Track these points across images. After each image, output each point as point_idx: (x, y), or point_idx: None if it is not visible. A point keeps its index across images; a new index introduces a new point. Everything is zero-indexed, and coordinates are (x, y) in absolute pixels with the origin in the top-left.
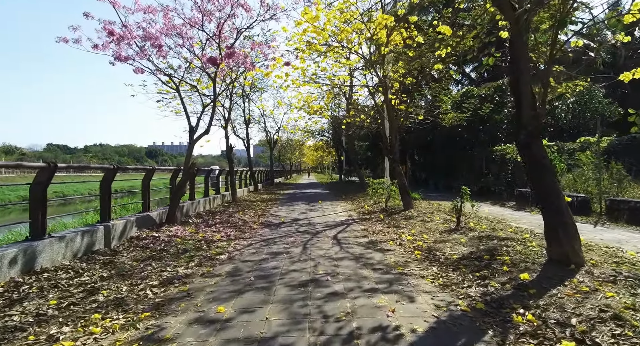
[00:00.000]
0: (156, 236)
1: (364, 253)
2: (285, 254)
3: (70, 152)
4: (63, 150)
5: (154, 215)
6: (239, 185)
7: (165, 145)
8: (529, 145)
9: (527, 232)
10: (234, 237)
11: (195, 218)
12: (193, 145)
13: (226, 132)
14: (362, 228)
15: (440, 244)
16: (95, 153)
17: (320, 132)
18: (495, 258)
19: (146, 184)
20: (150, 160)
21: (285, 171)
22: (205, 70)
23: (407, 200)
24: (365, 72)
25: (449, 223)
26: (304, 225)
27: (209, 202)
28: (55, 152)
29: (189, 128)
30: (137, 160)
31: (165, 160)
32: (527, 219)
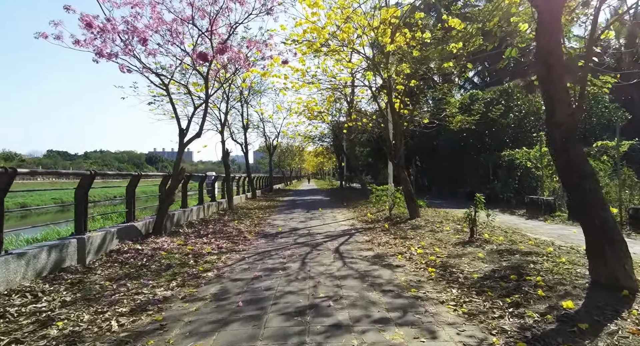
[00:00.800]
0: (139, 249)
1: (370, 270)
2: (282, 271)
3: (70, 159)
4: (63, 156)
5: (139, 225)
6: (236, 191)
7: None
8: (565, 148)
9: (549, 244)
10: (226, 250)
11: (187, 228)
12: (183, 149)
13: (222, 137)
14: (366, 239)
15: (456, 259)
16: (95, 159)
17: (320, 138)
18: (525, 279)
19: (131, 191)
20: (150, 166)
21: (285, 177)
22: (196, 67)
23: (413, 208)
24: (368, 73)
25: (460, 233)
26: (303, 235)
27: (203, 210)
28: (55, 158)
29: (179, 131)
30: (137, 166)
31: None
32: (544, 229)
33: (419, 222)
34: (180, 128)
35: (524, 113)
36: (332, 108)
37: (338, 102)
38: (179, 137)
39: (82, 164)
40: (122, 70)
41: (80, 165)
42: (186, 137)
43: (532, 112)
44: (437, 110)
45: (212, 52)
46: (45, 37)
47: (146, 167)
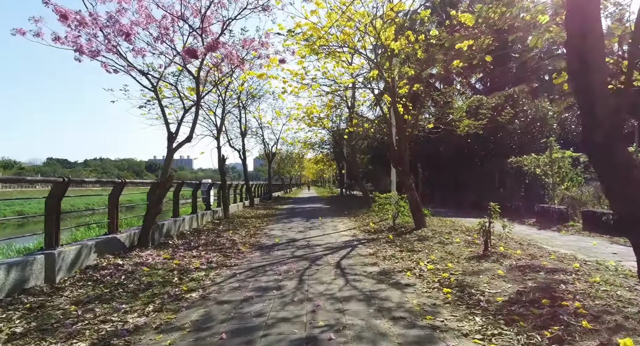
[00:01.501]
0: (120, 264)
1: (377, 291)
2: (276, 291)
3: (70, 166)
4: (63, 164)
5: (122, 237)
6: (233, 199)
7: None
8: (609, 151)
9: (572, 258)
10: (217, 264)
11: (177, 239)
12: (172, 154)
13: (218, 143)
14: (370, 252)
15: (473, 277)
16: (95, 167)
17: (320, 145)
18: (560, 304)
19: (114, 200)
20: (150, 173)
21: (285, 184)
22: (186, 66)
23: (419, 218)
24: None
25: (473, 246)
26: (301, 247)
27: (197, 219)
28: (54, 166)
29: (168, 134)
30: (136, 174)
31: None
32: (560, 241)
33: (425, 232)
34: (169, 132)
35: (530, 119)
36: (333, 114)
37: (338, 108)
38: (167, 141)
39: (82, 172)
40: (107, 70)
41: (80, 172)
42: (175, 142)
43: (539, 117)
44: (443, 114)
45: (203, 44)
46: (22, 34)
47: (146, 174)
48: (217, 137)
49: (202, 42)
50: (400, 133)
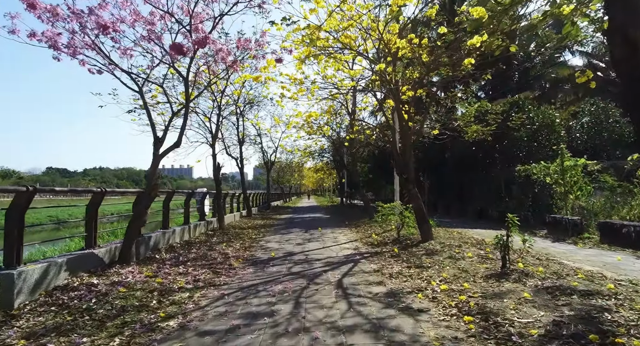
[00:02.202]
0: (94, 284)
1: (385, 317)
2: (268, 317)
3: (70, 176)
4: (62, 173)
5: (101, 253)
6: (229, 209)
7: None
8: None
9: (601, 277)
10: (204, 283)
11: (165, 253)
12: (158, 161)
13: (213, 150)
14: (375, 268)
15: (496, 301)
16: (94, 176)
17: (320, 153)
18: (613, 341)
19: (92, 212)
20: None
21: (284, 194)
22: (173, 65)
23: (425, 230)
24: (374, 77)
25: (488, 262)
26: (299, 262)
27: (189, 231)
28: (53, 175)
29: (154, 139)
30: (135, 183)
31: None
32: (581, 255)
33: (433, 245)
34: (155, 137)
35: (537, 126)
36: (333, 122)
37: (338, 116)
38: (153, 146)
39: (81, 181)
40: (90, 71)
41: (79, 182)
42: (162, 147)
43: (546, 124)
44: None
45: (191, 39)
46: None
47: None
48: (212, 144)
49: (190, 36)
50: (405, 140)
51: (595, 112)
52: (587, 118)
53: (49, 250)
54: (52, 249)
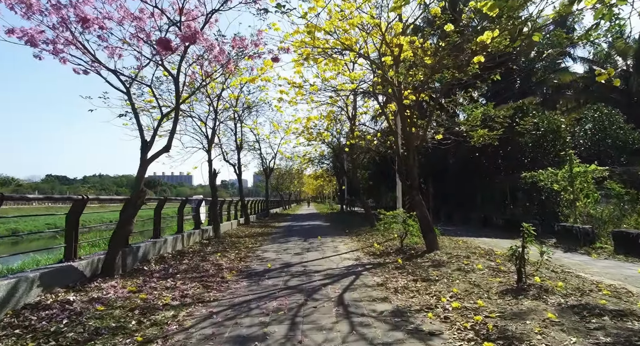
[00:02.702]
0: (69, 302)
1: (393, 344)
2: (259, 342)
3: (69, 183)
4: (62, 181)
5: (81, 265)
6: (227, 217)
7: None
8: None
9: (627, 293)
10: (192, 299)
11: (155, 264)
12: (146, 166)
13: (209, 156)
14: (378, 281)
15: (517, 323)
16: (94, 183)
17: (320, 160)
18: None
19: (73, 221)
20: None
21: (284, 201)
22: (162, 63)
23: (431, 239)
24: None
25: (500, 275)
26: (297, 274)
27: (182, 240)
28: (52, 183)
29: (141, 142)
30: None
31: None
32: (597, 267)
33: (439, 256)
34: (143, 141)
35: (542, 132)
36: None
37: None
38: (141, 151)
39: (80, 188)
40: (75, 71)
41: (78, 189)
42: (150, 151)
43: (551, 130)
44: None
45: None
46: None
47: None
48: (208, 149)
49: (179, 27)
50: (409, 145)
51: (599, 118)
52: (590, 124)
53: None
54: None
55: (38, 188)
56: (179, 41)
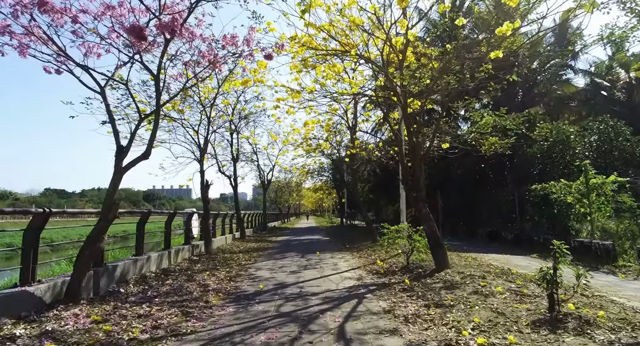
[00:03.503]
0: (13, 338)
1: None
2: None
3: (67, 196)
4: (60, 194)
5: (39, 291)
6: (221, 231)
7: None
8: None
9: None
10: (165, 331)
11: (133, 286)
12: (120, 174)
13: (201, 166)
14: (384, 307)
15: None
16: (92, 197)
17: (319, 172)
18: None
19: (30, 238)
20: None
21: (282, 214)
22: (140, 59)
23: (440, 256)
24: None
25: (525, 300)
26: (291, 297)
27: (169, 257)
28: (50, 197)
29: (117, 148)
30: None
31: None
32: (629, 289)
33: (450, 275)
34: (118, 146)
35: (551, 142)
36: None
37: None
38: (115, 157)
39: (77, 202)
40: (46, 70)
41: (76, 203)
42: (126, 158)
43: (561, 140)
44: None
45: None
46: None
47: (143, 204)
48: (200, 159)
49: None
50: (414, 154)
51: (605, 130)
52: (595, 136)
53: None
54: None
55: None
56: (156, 32)
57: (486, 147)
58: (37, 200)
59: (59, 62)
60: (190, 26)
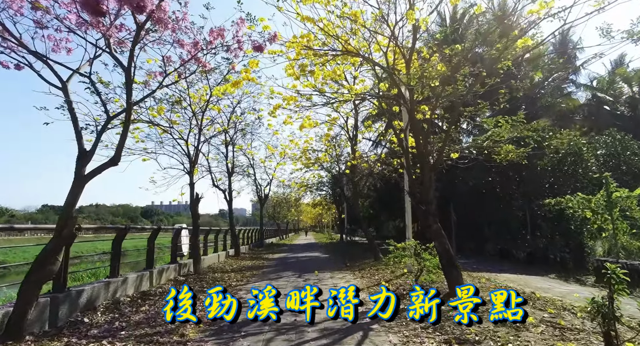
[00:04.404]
0: None
1: None
2: None
3: None
4: (57, 210)
5: None
6: (213, 248)
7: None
8: None
9: None
10: None
11: (102, 314)
12: (82, 182)
13: (191, 179)
14: (396, 343)
15: None
16: (89, 213)
17: (318, 187)
18: None
19: None
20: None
21: (281, 230)
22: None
23: (455, 278)
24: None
25: (568, 335)
26: (284, 329)
27: (150, 278)
28: (47, 213)
29: (79, 151)
30: (131, 220)
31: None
32: None
33: None
34: (80, 149)
35: (562, 155)
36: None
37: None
38: (76, 162)
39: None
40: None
41: None
42: (89, 163)
43: (573, 152)
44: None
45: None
46: None
47: (141, 220)
48: (190, 171)
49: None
50: (423, 163)
51: (612, 144)
52: (602, 150)
53: None
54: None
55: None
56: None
57: (502, 155)
58: (34, 216)
59: (17, 55)
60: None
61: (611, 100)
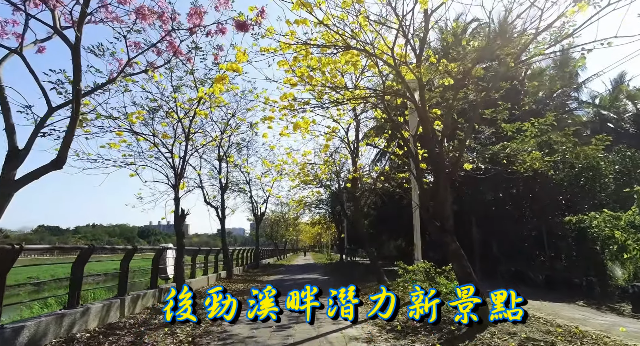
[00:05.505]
0: None
1: None
2: None
3: (60, 233)
4: (53, 231)
5: None
6: (203, 270)
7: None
8: None
9: None
10: None
11: None
12: (12, 189)
13: (176, 193)
14: None
15: None
16: (85, 233)
17: (317, 204)
18: None
19: None
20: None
21: (278, 250)
22: (54, 25)
23: None
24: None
25: None
26: None
27: (121, 307)
28: (42, 234)
29: (9, 149)
30: (127, 240)
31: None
32: None
33: (498, 337)
34: (11, 147)
35: (578, 169)
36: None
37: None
38: (4, 162)
39: (70, 239)
40: None
41: (68, 239)
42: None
43: (590, 167)
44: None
45: None
46: None
47: (137, 240)
48: (175, 184)
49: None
50: (438, 167)
51: (622, 161)
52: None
53: None
54: None
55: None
56: None
57: (528, 163)
58: (29, 237)
59: None
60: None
61: (615, 117)
